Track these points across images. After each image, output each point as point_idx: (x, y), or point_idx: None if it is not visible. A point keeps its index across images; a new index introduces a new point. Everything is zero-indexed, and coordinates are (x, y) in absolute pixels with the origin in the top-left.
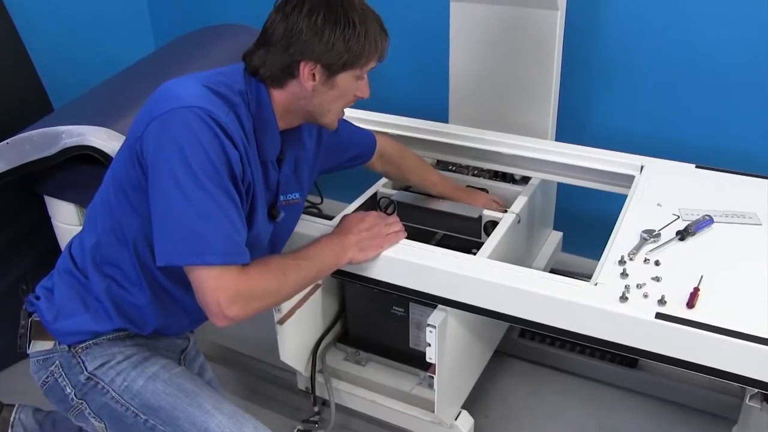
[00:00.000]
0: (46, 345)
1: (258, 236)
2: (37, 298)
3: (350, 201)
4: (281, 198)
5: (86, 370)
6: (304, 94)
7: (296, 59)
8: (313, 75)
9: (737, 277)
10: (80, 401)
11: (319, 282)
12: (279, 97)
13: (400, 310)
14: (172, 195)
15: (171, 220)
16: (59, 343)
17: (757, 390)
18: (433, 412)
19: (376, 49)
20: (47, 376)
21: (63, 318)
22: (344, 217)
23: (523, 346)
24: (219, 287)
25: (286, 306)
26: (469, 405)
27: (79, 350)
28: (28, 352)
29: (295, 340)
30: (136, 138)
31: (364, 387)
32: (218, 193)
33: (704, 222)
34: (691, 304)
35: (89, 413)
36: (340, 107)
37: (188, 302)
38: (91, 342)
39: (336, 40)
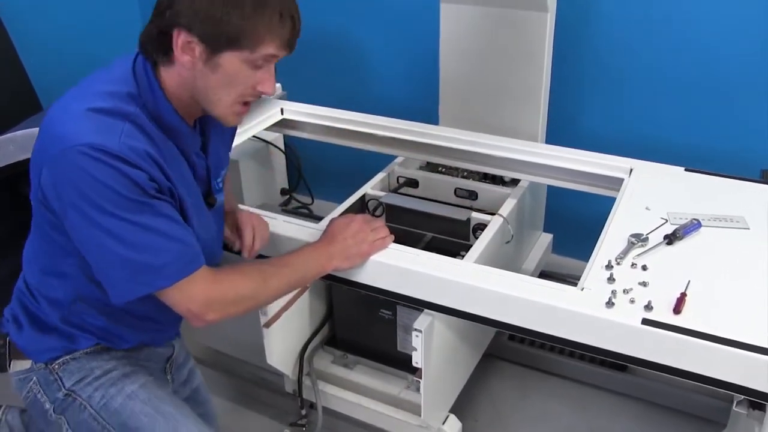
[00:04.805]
0: (24, 365)
1: (202, 230)
2: (9, 320)
3: (340, 201)
4: (215, 183)
5: (64, 386)
6: (187, 74)
7: (171, 24)
8: (193, 49)
9: (724, 283)
10: (59, 416)
11: (307, 284)
12: (170, 80)
13: (388, 313)
14: (96, 238)
15: (107, 261)
16: (36, 362)
17: (743, 396)
18: (421, 416)
19: (270, 30)
20: (27, 392)
21: (33, 342)
22: (331, 221)
23: (513, 349)
24: (187, 298)
25: (273, 309)
26: (458, 409)
27: (56, 366)
28: (9, 372)
29: (282, 343)
30: (36, 184)
31: (352, 390)
32: (140, 217)
33: (692, 226)
34: (677, 309)
35: (67, 429)
36: (231, 98)
37: (152, 313)
38: (68, 357)
39: (215, 9)
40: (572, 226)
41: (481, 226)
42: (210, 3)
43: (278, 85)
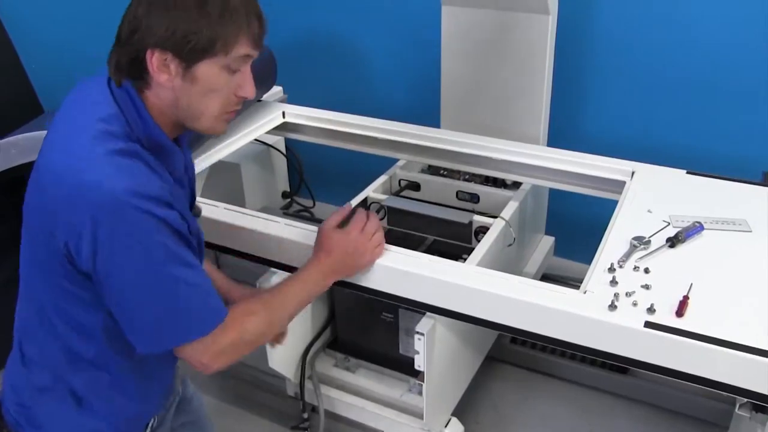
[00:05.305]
0: None
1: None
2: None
3: (342, 204)
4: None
5: None
6: (167, 94)
7: (141, 47)
8: (168, 66)
9: (726, 286)
10: None
11: None
12: (152, 103)
13: (390, 316)
14: (130, 289)
15: (138, 313)
16: None
17: (746, 399)
18: (423, 419)
19: (240, 31)
20: None
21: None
22: (325, 231)
23: (515, 352)
24: (203, 349)
25: None
26: (460, 412)
27: None
28: None
29: (284, 346)
30: (59, 243)
31: (354, 393)
32: (177, 269)
33: (694, 229)
34: (680, 312)
35: None
36: (215, 107)
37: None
38: None
39: (181, 20)
40: (574, 228)
41: (483, 229)
42: (178, 16)
43: (279, 88)
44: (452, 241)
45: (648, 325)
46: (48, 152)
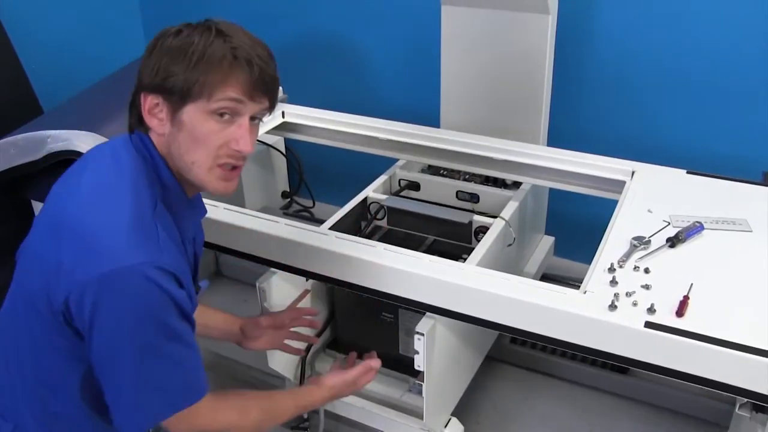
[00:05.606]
0: None
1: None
2: None
3: (342, 204)
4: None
5: None
6: (163, 141)
7: (137, 90)
8: (161, 110)
9: (727, 285)
10: None
11: (308, 288)
12: (161, 151)
13: (390, 316)
14: (122, 359)
15: (125, 387)
16: None
17: (746, 399)
18: (423, 419)
19: (224, 77)
20: None
21: None
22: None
23: (515, 352)
24: (180, 421)
25: None
26: (460, 412)
27: None
28: None
29: None
30: (59, 296)
31: (354, 394)
32: (170, 345)
33: (694, 229)
34: (680, 312)
35: None
36: (204, 158)
37: None
38: None
39: (164, 63)
40: (574, 228)
41: (483, 229)
42: (162, 58)
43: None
44: (452, 241)
45: (648, 325)
46: (69, 203)
